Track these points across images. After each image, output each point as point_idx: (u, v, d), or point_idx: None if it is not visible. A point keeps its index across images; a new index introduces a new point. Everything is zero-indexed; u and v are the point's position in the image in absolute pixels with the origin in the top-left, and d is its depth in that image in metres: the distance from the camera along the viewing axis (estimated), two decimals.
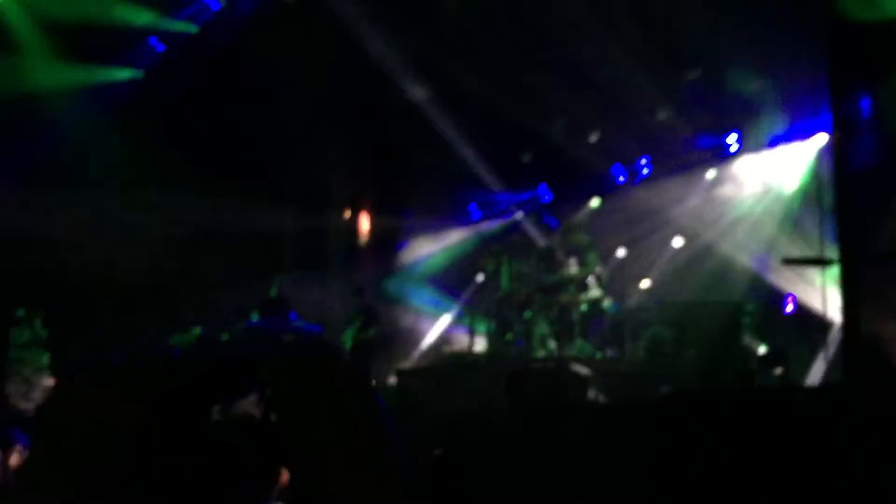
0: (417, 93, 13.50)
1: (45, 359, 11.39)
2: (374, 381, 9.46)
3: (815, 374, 10.13)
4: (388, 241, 15.66)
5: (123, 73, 13.90)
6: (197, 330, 11.23)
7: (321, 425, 0.91)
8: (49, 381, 11.21)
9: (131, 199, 13.80)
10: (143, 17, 13.20)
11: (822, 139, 11.04)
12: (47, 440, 0.94)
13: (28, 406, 11.32)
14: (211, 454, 0.97)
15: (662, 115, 13.12)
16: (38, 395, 11.32)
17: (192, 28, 13.58)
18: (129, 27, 13.17)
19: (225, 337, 10.89)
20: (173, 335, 10.98)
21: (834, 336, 8.18)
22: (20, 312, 11.56)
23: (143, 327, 12.88)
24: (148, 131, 13.00)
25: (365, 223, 16.14)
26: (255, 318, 11.77)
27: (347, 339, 11.69)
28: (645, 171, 13.83)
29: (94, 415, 0.92)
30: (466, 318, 11.93)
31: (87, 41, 12.73)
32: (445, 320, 14.12)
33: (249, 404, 0.94)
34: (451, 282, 14.42)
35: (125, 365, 0.95)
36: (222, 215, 14.02)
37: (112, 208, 13.89)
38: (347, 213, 16.05)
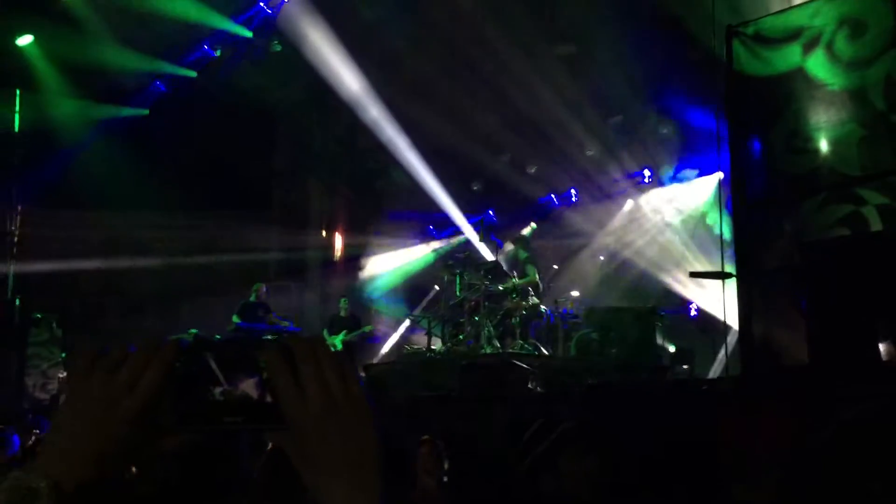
0: (385, 132, 13.49)
1: (60, 355, 11.15)
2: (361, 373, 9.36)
3: (716, 368, 10.25)
4: (358, 256, 15.60)
5: (131, 111, 13.68)
6: (193, 331, 11.07)
7: (311, 403, 0.89)
8: (63, 375, 10.95)
9: (136, 218, 13.59)
10: (149, 64, 13.00)
11: (721, 175, 11.22)
12: (64, 418, 0.91)
13: (45, 396, 11.06)
14: (212, 432, 0.94)
15: (590, 152, 13.28)
16: (53, 387, 11.05)
17: (192, 73, 13.40)
18: (137, 71, 12.96)
19: (217, 337, 10.74)
20: (172, 336, 10.79)
21: (731, 337, 8.30)
22: (38, 315, 11.31)
23: (145, 329, 12.66)
24: (152, 161, 12.82)
25: (339, 241, 16.05)
26: (235, 319, 11.57)
27: (338, 342, 11.55)
28: (574, 199, 13.98)
29: (107, 395, 0.90)
30: (425, 321, 11.86)
31: (100, 82, 12.52)
32: (407, 323, 14.06)
33: (248, 387, 0.91)
34: (413, 290, 14.38)
35: (134, 353, 0.92)
36: (215, 232, 13.86)
37: (120, 226, 13.67)
38: (323, 232, 15.94)
